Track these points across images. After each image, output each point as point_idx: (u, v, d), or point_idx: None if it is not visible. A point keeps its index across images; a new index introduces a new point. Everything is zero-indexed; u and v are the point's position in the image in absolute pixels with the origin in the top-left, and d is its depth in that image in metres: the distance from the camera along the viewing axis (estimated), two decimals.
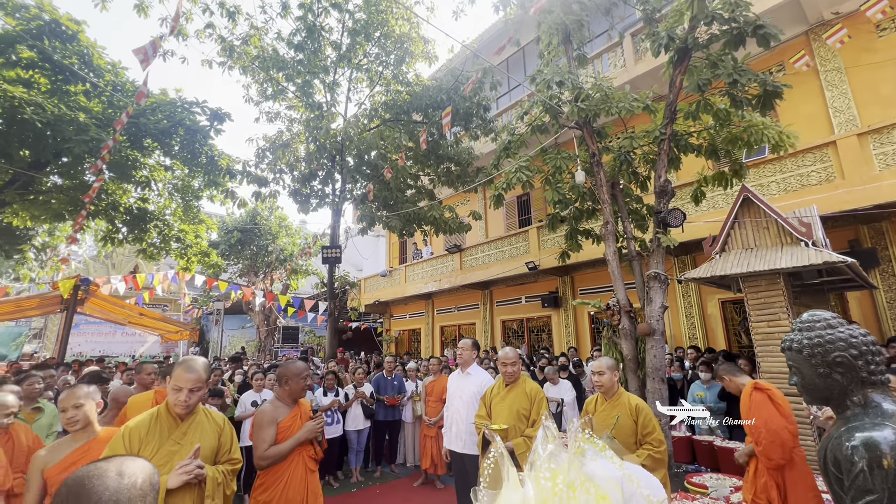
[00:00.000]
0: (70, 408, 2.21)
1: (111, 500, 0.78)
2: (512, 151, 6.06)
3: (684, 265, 8.93)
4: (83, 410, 2.23)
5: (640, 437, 2.70)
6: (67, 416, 2.20)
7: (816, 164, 6.69)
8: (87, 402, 2.26)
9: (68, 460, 2.10)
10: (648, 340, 4.77)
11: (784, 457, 2.34)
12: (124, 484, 0.81)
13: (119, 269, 19.08)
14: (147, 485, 0.85)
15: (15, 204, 7.94)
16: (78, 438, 2.21)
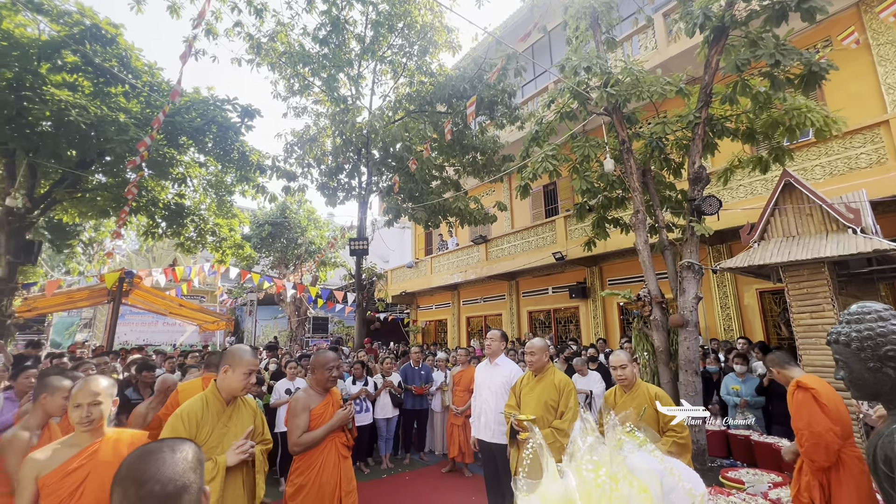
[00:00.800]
0: (86, 404, 1.88)
1: (171, 471, 0.87)
2: (540, 140, 5.96)
3: (719, 254, 8.61)
4: (100, 409, 1.92)
5: (663, 424, 2.68)
6: (82, 414, 1.87)
7: (866, 145, 6.28)
8: (105, 399, 1.95)
9: (71, 464, 1.81)
10: (681, 332, 4.64)
11: (828, 459, 2.23)
12: (178, 458, 0.90)
13: (159, 262, 19.98)
14: (195, 459, 0.93)
15: (65, 202, 8.43)
16: (80, 441, 1.90)
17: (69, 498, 1.73)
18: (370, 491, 5.01)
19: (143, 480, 0.85)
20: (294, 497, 2.58)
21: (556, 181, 12.31)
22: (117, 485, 0.87)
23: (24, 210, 7.46)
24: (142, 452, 0.90)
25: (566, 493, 0.46)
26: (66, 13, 6.57)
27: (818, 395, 2.34)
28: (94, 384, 1.94)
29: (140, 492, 0.84)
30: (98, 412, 1.90)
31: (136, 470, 0.86)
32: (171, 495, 0.85)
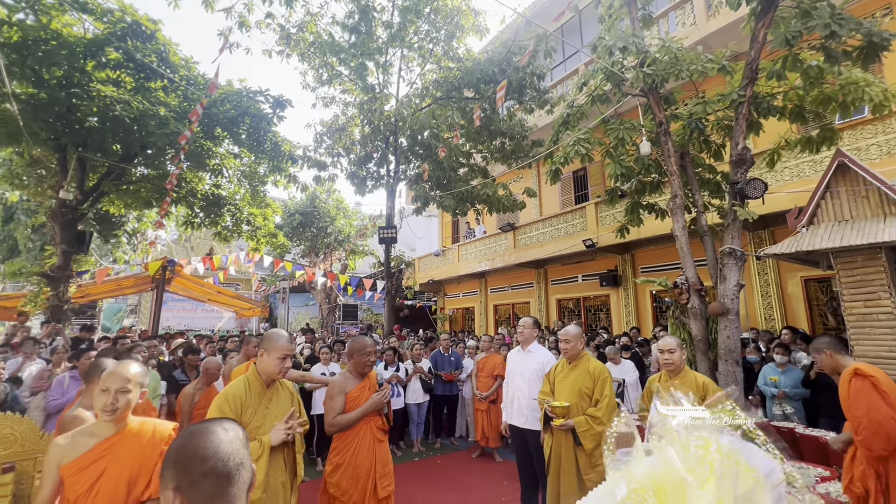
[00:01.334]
0: (114, 390, 1.73)
1: (228, 448, 0.89)
2: (571, 124, 5.81)
3: (761, 240, 8.23)
4: (127, 397, 1.76)
5: None
6: (107, 400, 1.72)
7: None
8: (135, 388, 1.79)
9: (88, 457, 1.69)
10: (721, 321, 4.48)
11: (887, 448, 2.13)
12: (231, 436, 0.91)
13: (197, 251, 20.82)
14: (244, 437, 0.95)
15: (111, 193, 8.86)
16: (101, 431, 1.76)
17: (85, 495, 1.63)
18: (402, 472, 5.13)
19: (204, 457, 0.85)
20: (332, 475, 2.68)
21: (587, 167, 12.01)
22: (173, 465, 0.86)
23: (76, 202, 7.90)
24: (194, 432, 0.90)
25: (660, 471, 0.45)
26: (108, 11, 6.83)
27: (878, 383, 2.23)
28: (126, 369, 1.79)
29: (203, 468, 0.84)
30: (125, 401, 1.74)
31: (194, 448, 0.87)
32: (231, 471, 0.86)
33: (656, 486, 0.46)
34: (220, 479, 0.85)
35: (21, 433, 3.13)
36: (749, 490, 0.42)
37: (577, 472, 3.08)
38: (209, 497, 0.83)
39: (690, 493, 0.43)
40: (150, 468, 1.75)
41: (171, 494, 0.83)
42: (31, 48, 6.07)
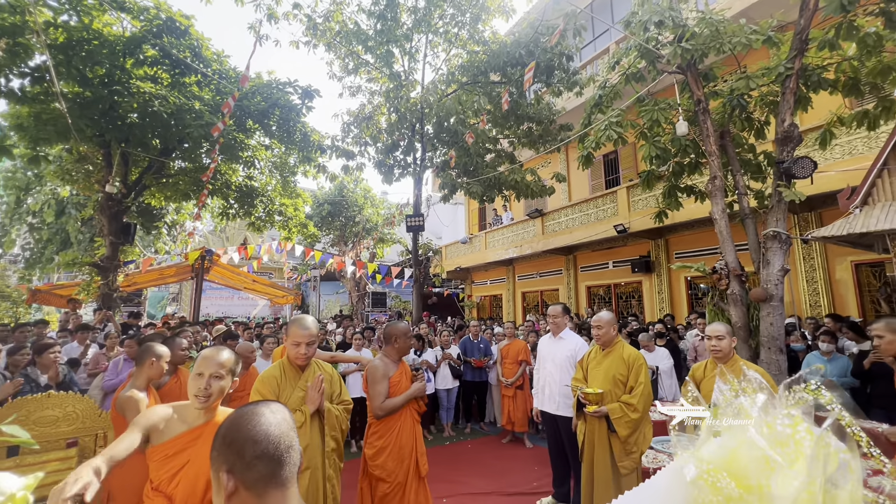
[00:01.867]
0: (208, 374, 1.67)
1: (279, 431, 0.90)
2: (604, 106, 5.62)
3: (806, 223, 7.80)
4: (221, 384, 1.69)
5: None
6: (200, 385, 1.65)
7: None
8: (227, 375, 1.72)
9: (175, 445, 1.63)
10: (763, 307, 4.30)
11: None
12: (280, 419, 0.93)
13: (232, 241, 21.58)
14: (291, 418, 0.97)
15: (152, 187, 9.27)
16: (192, 419, 1.69)
17: (167, 483, 1.61)
18: (434, 456, 5.20)
19: (255, 441, 0.87)
20: (376, 458, 2.75)
21: (618, 150, 11.65)
22: (225, 448, 0.88)
23: (120, 195, 8.31)
24: (244, 415, 0.91)
25: (735, 451, 0.44)
26: (144, 9, 7.05)
27: None
28: (220, 354, 1.73)
29: (255, 452, 0.85)
30: (218, 387, 1.68)
31: (245, 431, 0.88)
32: (282, 454, 0.88)
33: (730, 466, 0.45)
34: (272, 463, 0.86)
35: (82, 411, 3.37)
36: (837, 471, 0.40)
37: (612, 460, 3.06)
38: (262, 480, 0.84)
39: (778, 473, 0.41)
40: None
41: (226, 476, 0.85)
42: (76, 48, 6.36)
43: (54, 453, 3.10)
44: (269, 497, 0.85)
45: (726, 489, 0.43)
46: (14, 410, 2.92)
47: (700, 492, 0.45)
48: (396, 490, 2.68)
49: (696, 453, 0.48)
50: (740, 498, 0.42)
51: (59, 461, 3.09)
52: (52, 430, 3.17)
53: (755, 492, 0.42)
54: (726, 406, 0.52)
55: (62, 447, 3.20)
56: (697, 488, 0.45)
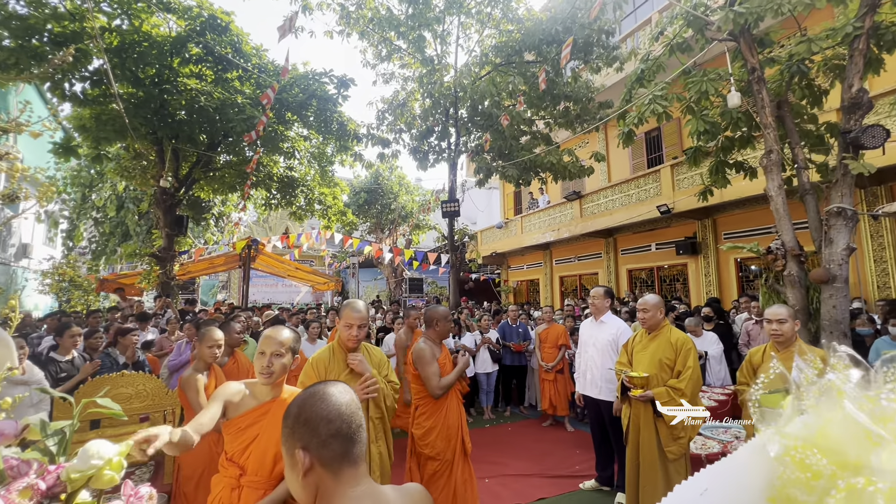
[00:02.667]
0: (269, 353, 1.79)
1: (349, 410, 0.94)
2: (646, 80, 5.36)
3: (875, 198, 7.20)
4: (282, 361, 1.81)
5: None
6: (263, 363, 1.78)
7: None
8: (287, 353, 1.84)
9: (246, 419, 1.75)
10: (825, 289, 4.02)
11: None
12: (349, 399, 0.96)
13: (275, 230, 22.45)
14: (357, 400, 1.00)
15: (201, 180, 9.75)
16: (261, 395, 1.81)
17: (240, 454, 1.74)
18: (475, 438, 5.24)
19: (329, 419, 0.90)
20: (425, 437, 2.83)
21: (661, 126, 11.10)
22: (300, 426, 0.91)
23: (173, 189, 8.80)
24: (314, 394, 0.94)
25: (826, 427, 0.43)
26: (188, 8, 7.34)
27: None
28: (280, 333, 1.85)
29: (329, 430, 0.89)
30: (280, 364, 1.79)
31: (318, 410, 0.91)
32: (354, 433, 0.91)
33: (821, 442, 0.43)
34: (346, 441, 0.90)
35: (152, 389, 3.66)
36: None
37: (658, 444, 3.00)
38: (337, 457, 0.88)
39: (883, 448, 0.40)
40: None
41: (301, 453, 0.88)
42: (128, 51, 6.73)
43: (130, 427, 3.40)
44: (343, 474, 0.88)
45: (816, 465, 0.42)
46: (95, 388, 3.22)
47: (786, 468, 0.44)
48: (445, 468, 2.77)
49: (781, 430, 0.47)
50: (833, 474, 0.41)
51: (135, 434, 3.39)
52: (126, 406, 3.47)
53: (851, 468, 0.41)
54: (809, 385, 0.50)
55: (136, 422, 3.51)
56: (783, 465, 0.44)
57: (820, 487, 0.40)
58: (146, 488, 1.08)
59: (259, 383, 1.82)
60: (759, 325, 5.58)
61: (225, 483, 1.74)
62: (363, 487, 0.90)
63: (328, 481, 0.88)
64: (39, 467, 1.02)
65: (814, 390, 0.49)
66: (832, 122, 4.96)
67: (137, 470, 3.28)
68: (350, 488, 0.88)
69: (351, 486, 0.88)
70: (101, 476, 0.99)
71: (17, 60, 5.72)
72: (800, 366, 0.54)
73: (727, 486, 0.52)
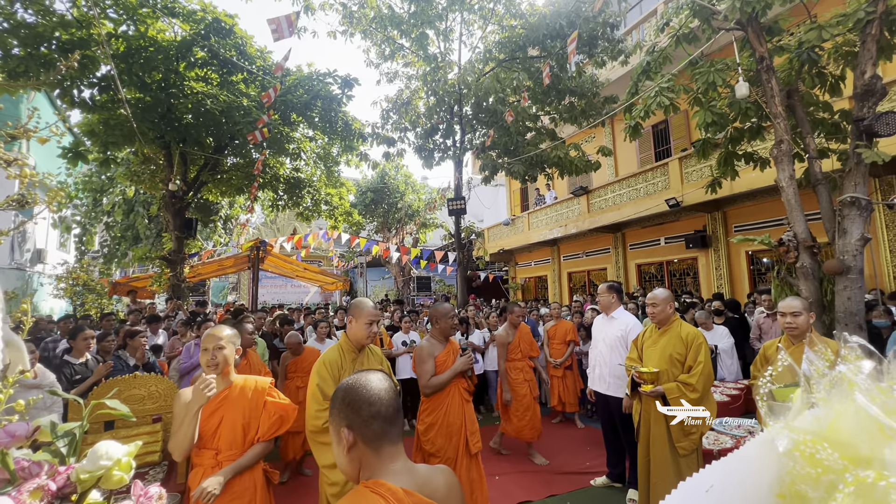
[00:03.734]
0: (211, 348, 2.02)
1: (390, 395, 1.05)
2: (652, 72, 5.29)
3: (890, 187, 7.05)
4: (223, 353, 2.03)
5: None
6: (207, 358, 2.01)
7: None
8: (228, 345, 2.06)
9: (209, 408, 1.98)
10: (839, 281, 3.95)
11: None
12: (390, 385, 1.07)
13: (283, 231, 22.63)
14: (396, 388, 1.12)
15: (209, 183, 9.84)
16: (217, 385, 1.98)
17: (211, 438, 1.97)
18: (485, 434, 5.29)
19: (371, 402, 1.01)
20: (426, 433, 2.86)
21: (668, 119, 10.98)
22: (345, 407, 1.02)
23: (182, 193, 8.89)
24: (359, 380, 1.06)
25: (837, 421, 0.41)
26: (192, 12, 7.39)
27: None
28: (218, 331, 2.08)
29: (371, 411, 1.00)
30: (222, 357, 2.01)
31: (361, 394, 1.02)
32: (393, 415, 1.02)
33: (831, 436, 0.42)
34: (385, 422, 1.00)
35: (163, 390, 3.70)
36: None
37: (669, 440, 2.97)
38: (377, 436, 0.99)
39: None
40: (258, 415, 2.08)
41: (347, 431, 0.99)
42: (134, 56, 6.79)
43: (143, 427, 3.44)
44: (383, 451, 0.99)
45: (827, 460, 0.40)
46: (108, 390, 3.27)
47: (795, 463, 0.42)
48: (448, 466, 2.77)
49: (790, 424, 0.45)
50: (844, 469, 0.39)
51: (148, 434, 3.44)
52: (139, 408, 3.52)
53: (863, 462, 0.39)
54: (819, 377, 0.48)
55: (149, 422, 3.55)
56: (792, 460, 0.43)
57: (829, 482, 0.39)
58: (155, 488, 1.09)
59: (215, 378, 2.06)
60: (771, 318, 5.50)
61: (204, 467, 1.95)
62: (401, 463, 1.01)
63: (370, 456, 0.99)
64: (50, 468, 1.03)
65: (824, 382, 0.47)
66: (847, 110, 4.86)
67: (151, 470, 3.32)
68: (391, 463, 0.99)
69: (391, 461, 0.99)
70: (110, 476, 1.00)
71: (27, 68, 5.81)
72: (810, 357, 0.52)
73: (734, 483, 0.50)
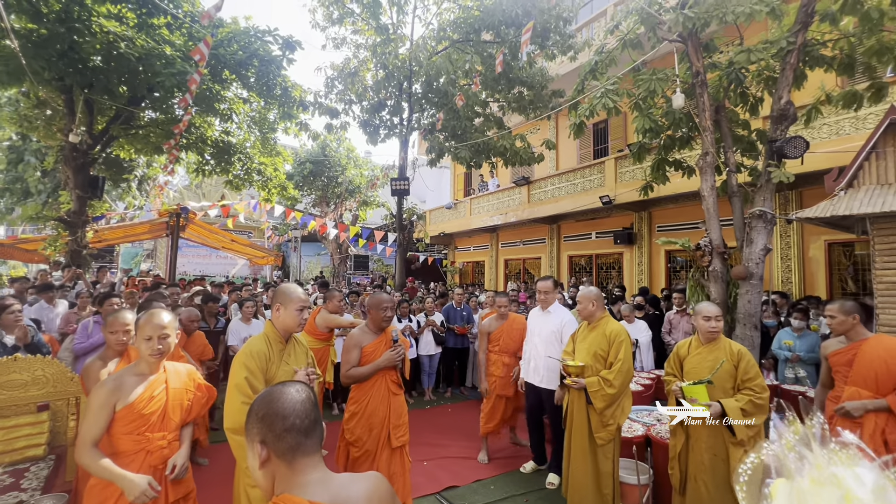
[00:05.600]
0: (157, 337, 1.95)
1: (304, 408, 1.03)
2: (599, 72, 5.44)
3: (787, 201, 7.94)
4: (168, 341, 2.00)
5: (740, 382, 2.62)
6: (154, 346, 1.95)
7: None
8: (172, 332, 2.02)
9: (147, 393, 1.95)
10: (743, 285, 4.39)
11: None
12: (304, 397, 1.06)
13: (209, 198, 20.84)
14: (314, 398, 1.11)
15: (121, 138, 8.70)
16: (145, 370, 2.00)
17: (158, 423, 1.98)
18: (415, 419, 5.28)
19: (284, 416, 1.00)
20: (348, 422, 2.81)
21: (608, 119, 11.48)
22: (259, 422, 1.01)
23: (86, 146, 7.78)
24: (272, 393, 1.05)
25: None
26: None
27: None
28: (161, 318, 2.00)
29: (284, 425, 0.99)
30: (167, 345, 1.98)
31: (278, 405, 1.01)
32: (308, 427, 1.01)
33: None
34: (300, 434, 1.00)
35: (52, 375, 3.25)
36: None
37: (589, 430, 3.15)
38: (290, 449, 0.99)
39: None
40: (192, 395, 2.12)
41: (259, 447, 1.00)
42: None
43: (23, 418, 3.00)
44: (296, 464, 0.99)
45: None
46: None
47: None
48: (366, 457, 2.73)
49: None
50: None
51: (31, 425, 3.00)
52: (21, 394, 3.05)
53: None
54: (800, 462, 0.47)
55: (33, 411, 3.10)
56: None
57: None
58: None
59: (143, 362, 2.01)
60: (680, 314, 6.04)
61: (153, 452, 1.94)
62: (317, 475, 1.00)
63: (284, 470, 0.99)
64: None
65: (810, 474, 0.45)
66: (762, 130, 5.34)
67: (33, 466, 2.91)
68: (303, 476, 0.98)
69: (305, 474, 0.99)
70: None
71: None
72: (779, 429, 0.51)
73: None
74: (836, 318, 2.76)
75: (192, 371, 2.20)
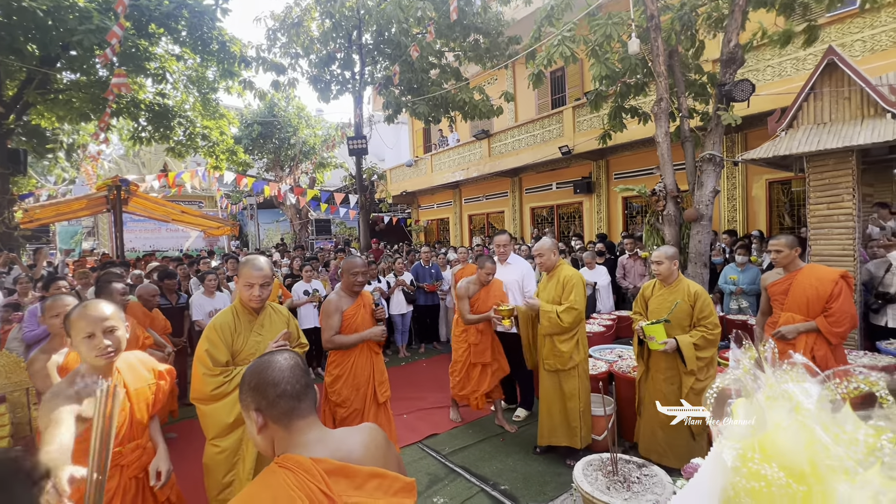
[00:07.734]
0: (100, 332, 1.59)
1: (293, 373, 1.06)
2: (555, 18, 5.32)
3: (733, 143, 8.32)
4: (117, 335, 1.65)
5: (696, 320, 2.84)
6: (101, 345, 1.59)
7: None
8: (119, 324, 1.67)
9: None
10: (694, 226, 4.66)
11: (845, 336, 2.76)
12: (290, 364, 1.08)
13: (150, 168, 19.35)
14: (303, 363, 1.14)
15: (38, 105, 7.80)
16: (105, 370, 1.66)
17: (127, 433, 1.77)
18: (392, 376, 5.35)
19: (276, 382, 1.03)
20: (333, 385, 2.86)
21: (565, 67, 11.36)
22: (252, 391, 1.04)
23: None
24: (262, 363, 1.08)
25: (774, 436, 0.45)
26: None
27: (850, 283, 2.78)
28: (101, 310, 1.63)
29: (277, 391, 1.03)
30: (116, 340, 1.63)
31: (266, 377, 1.04)
32: (299, 392, 1.05)
33: (768, 447, 0.46)
34: (293, 399, 1.04)
35: (3, 366, 3.07)
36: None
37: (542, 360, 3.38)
38: (284, 414, 1.03)
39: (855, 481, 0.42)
40: (154, 386, 1.90)
41: (255, 414, 1.03)
42: None
43: None
44: (293, 426, 1.03)
45: (771, 476, 0.44)
46: None
47: (741, 478, 0.46)
48: (354, 415, 2.83)
49: (730, 434, 0.49)
50: (787, 485, 0.43)
51: None
52: None
53: (798, 477, 0.44)
54: (769, 388, 0.53)
55: None
56: (739, 475, 0.46)
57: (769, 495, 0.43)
58: None
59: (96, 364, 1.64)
60: (632, 259, 6.39)
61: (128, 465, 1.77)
62: (315, 433, 1.04)
63: (281, 433, 1.03)
64: None
65: (765, 392, 0.51)
66: (712, 73, 5.47)
67: None
68: (302, 436, 1.03)
69: (303, 434, 1.03)
70: None
71: None
72: (737, 357, 0.56)
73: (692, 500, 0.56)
74: (783, 251, 2.95)
75: (145, 360, 1.93)
